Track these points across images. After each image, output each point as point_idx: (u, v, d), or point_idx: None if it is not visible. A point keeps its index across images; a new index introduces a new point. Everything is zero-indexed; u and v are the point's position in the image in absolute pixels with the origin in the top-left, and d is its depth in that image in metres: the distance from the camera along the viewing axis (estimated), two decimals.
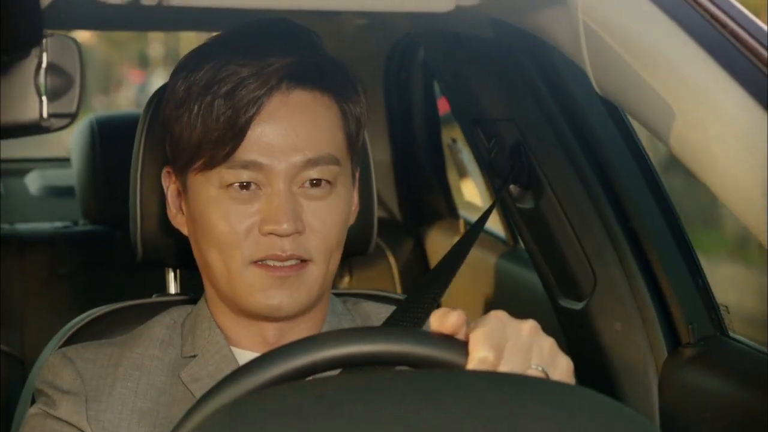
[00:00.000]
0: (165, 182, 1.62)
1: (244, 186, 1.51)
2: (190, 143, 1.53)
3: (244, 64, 1.51)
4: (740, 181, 1.48)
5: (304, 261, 1.53)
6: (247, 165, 1.51)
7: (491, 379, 1.12)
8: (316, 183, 1.52)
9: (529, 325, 1.21)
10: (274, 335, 1.58)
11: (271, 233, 1.51)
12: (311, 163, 1.52)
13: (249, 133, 1.51)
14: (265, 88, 1.50)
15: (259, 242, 1.51)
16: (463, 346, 1.16)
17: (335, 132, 1.55)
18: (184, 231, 1.60)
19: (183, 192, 1.58)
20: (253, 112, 1.50)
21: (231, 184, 1.51)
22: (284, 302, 1.53)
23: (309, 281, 1.54)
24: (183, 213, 1.59)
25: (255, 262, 1.52)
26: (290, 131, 1.52)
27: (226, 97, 1.50)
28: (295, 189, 1.52)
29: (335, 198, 1.54)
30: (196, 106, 1.52)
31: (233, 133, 1.50)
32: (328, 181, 1.53)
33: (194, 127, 1.52)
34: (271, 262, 1.52)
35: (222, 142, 1.50)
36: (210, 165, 1.52)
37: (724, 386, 2.03)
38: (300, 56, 1.53)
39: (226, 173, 1.51)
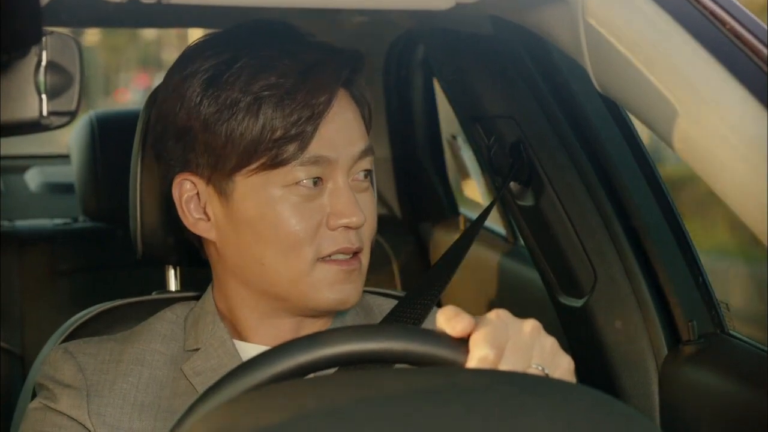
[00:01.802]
0: (177, 192, 1.58)
1: (314, 182, 1.53)
2: (240, 147, 1.51)
3: (282, 68, 1.52)
4: (740, 179, 1.48)
5: (356, 253, 1.55)
6: (317, 160, 1.52)
7: (491, 377, 1.12)
8: (366, 174, 1.57)
9: (530, 325, 1.21)
10: (291, 330, 1.58)
11: (343, 226, 1.53)
12: (364, 153, 1.56)
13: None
14: (327, 88, 1.52)
15: (328, 237, 1.53)
16: (463, 345, 1.16)
17: (363, 123, 1.59)
18: (211, 236, 1.58)
19: (221, 196, 1.55)
20: (320, 111, 1.51)
21: (299, 182, 1.52)
22: (351, 295, 1.56)
23: (363, 272, 1.58)
24: (208, 219, 1.58)
25: (322, 258, 1.53)
26: (344, 125, 1.55)
27: (281, 100, 1.51)
28: (349, 182, 1.55)
29: (372, 188, 1.59)
30: (241, 115, 1.51)
31: (300, 134, 1.51)
32: (371, 172, 1.58)
33: (247, 133, 1.51)
34: (336, 257, 1.54)
35: (287, 143, 1.51)
36: (273, 164, 1.51)
37: (724, 383, 2.03)
38: (339, 55, 1.56)
39: (295, 170, 1.52)
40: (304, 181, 1.52)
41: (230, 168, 1.53)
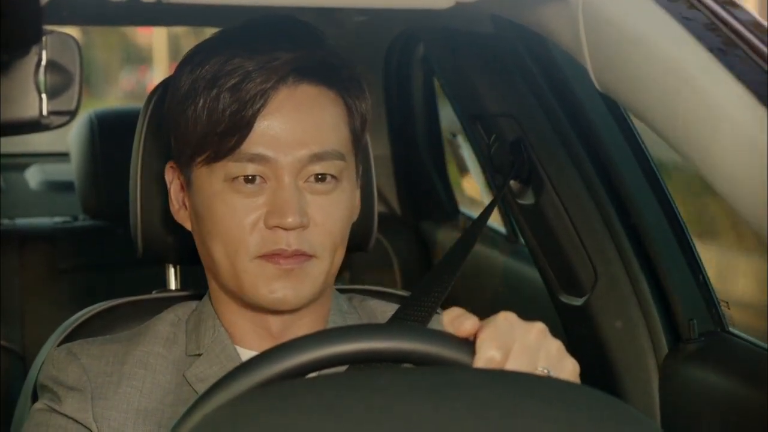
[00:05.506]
0: (168, 177, 1.61)
1: (249, 179, 1.51)
2: (195, 136, 1.52)
3: (251, 58, 1.51)
4: (740, 177, 1.48)
5: (308, 255, 1.53)
6: (253, 158, 1.50)
7: (496, 377, 1.12)
8: (321, 178, 1.52)
9: (537, 328, 1.21)
10: (277, 327, 1.57)
11: (276, 227, 1.50)
12: (317, 157, 1.52)
13: (255, 126, 1.50)
14: (272, 82, 1.50)
15: (264, 236, 1.51)
16: (470, 345, 1.17)
17: (341, 127, 1.55)
18: (187, 226, 1.60)
19: (187, 186, 1.57)
20: (260, 105, 1.50)
21: (236, 177, 1.51)
22: (288, 295, 1.53)
23: (313, 275, 1.53)
24: (186, 208, 1.59)
25: (261, 256, 1.52)
26: (296, 125, 1.52)
27: (233, 90, 1.50)
28: (301, 183, 1.52)
29: (340, 193, 1.54)
30: (201, 100, 1.52)
31: (239, 126, 1.50)
32: (333, 176, 1.53)
33: (199, 120, 1.52)
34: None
35: (228, 135, 1.50)
36: (215, 158, 1.51)
37: (724, 382, 2.03)
38: (307, 51, 1.53)
39: (231, 166, 1.51)
40: (240, 177, 1.51)
41: (187, 157, 1.55)
